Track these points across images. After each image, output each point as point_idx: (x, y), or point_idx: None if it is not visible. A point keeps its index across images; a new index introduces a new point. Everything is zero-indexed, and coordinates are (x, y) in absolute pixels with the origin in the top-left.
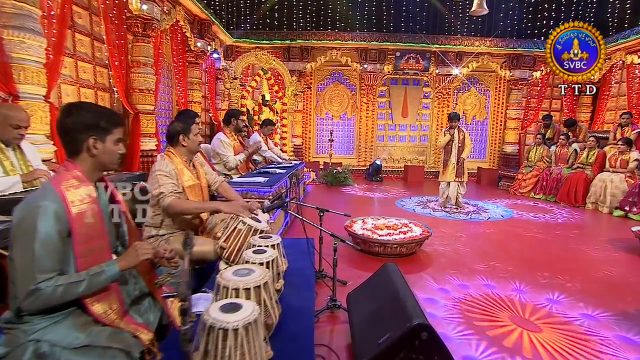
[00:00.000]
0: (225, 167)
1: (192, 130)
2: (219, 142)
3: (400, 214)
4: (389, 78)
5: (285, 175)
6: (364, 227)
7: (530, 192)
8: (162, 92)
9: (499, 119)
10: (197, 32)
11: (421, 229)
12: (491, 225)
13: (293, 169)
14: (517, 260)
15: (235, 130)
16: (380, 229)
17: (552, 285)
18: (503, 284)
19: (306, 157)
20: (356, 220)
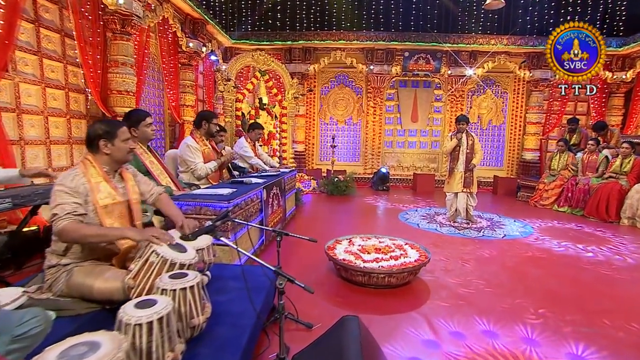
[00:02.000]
0: (193, 175)
1: (120, 135)
2: (186, 147)
3: (401, 229)
4: (397, 80)
5: (258, 186)
6: (348, 249)
7: (553, 204)
8: (151, 94)
9: (517, 123)
10: (189, 31)
11: (418, 252)
12: (506, 246)
13: (275, 178)
14: (537, 296)
15: (206, 134)
16: (367, 251)
17: (578, 335)
18: (514, 330)
19: (309, 164)
20: (341, 240)
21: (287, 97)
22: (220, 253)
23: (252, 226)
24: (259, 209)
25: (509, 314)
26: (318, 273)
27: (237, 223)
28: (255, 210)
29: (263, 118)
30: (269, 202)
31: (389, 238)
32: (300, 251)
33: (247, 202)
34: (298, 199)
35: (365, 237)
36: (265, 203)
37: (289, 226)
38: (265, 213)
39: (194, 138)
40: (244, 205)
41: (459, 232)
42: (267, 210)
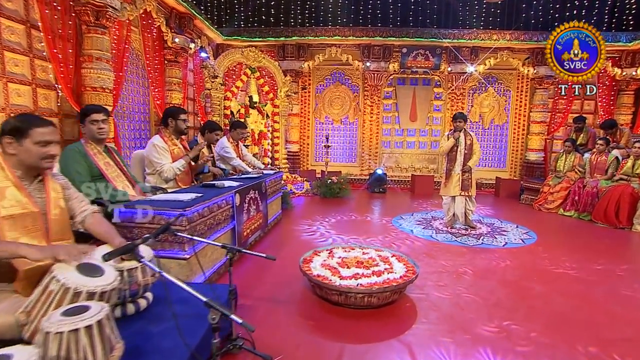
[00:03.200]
0: (160, 178)
1: (33, 135)
2: (152, 147)
3: (393, 236)
4: (395, 77)
5: (229, 191)
6: (326, 262)
7: (559, 207)
8: (135, 92)
9: (521, 122)
10: (175, 26)
11: (405, 266)
12: (508, 255)
13: (253, 181)
14: (542, 319)
15: (175, 132)
16: (347, 265)
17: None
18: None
19: (303, 164)
20: (321, 251)
21: (280, 95)
22: (177, 268)
23: (196, 240)
24: (229, 216)
25: (510, 342)
26: (292, 289)
27: (181, 237)
28: (225, 217)
29: (253, 117)
30: (244, 208)
31: (375, 249)
32: (276, 263)
33: (212, 209)
34: (287, 202)
35: (348, 247)
36: (238, 209)
37: (271, 233)
38: (238, 220)
39: (162, 137)
40: (207, 213)
41: (456, 239)
42: (240, 217)
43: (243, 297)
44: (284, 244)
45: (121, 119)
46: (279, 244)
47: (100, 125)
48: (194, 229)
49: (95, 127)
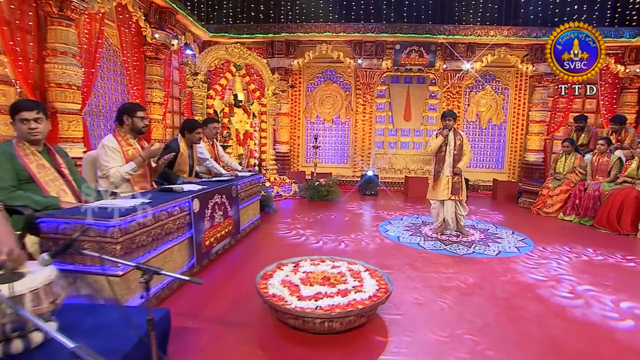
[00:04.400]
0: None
1: None
2: (101, 148)
3: (377, 244)
4: (389, 75)
5: (184, 196)
6: (287, 278)
7: (558, 212)
8: (113, 90)
9: (519, 122)
10: (154, 21)
11: (377, 283)
12: (500, 266)
13: (219, 185)
14: (535, 349)
15: (131, 131)
16: (310, 282)
17: None
18: None
19: (293, 166)
20: (286, 264)
21: (267, 93)
22: (109, 286)
23: (106, 259)
24: (186, 224)
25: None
26: (250, 309)
27: (85, 255)
28: (180, 225)
29: (238, 116)
30: (206, 215)
31: (348, 261)
32: (240, 276)
33: (158, 218)
34: (269, 206)
35: (318, 259)
36: (197, 216)
37: (244, 240)
38: (197, 228)
39: (115, 137)
40: (151, 222)
41: (445, 247)
42: (201, 225)
43: (191, 318)
44: (257, 253)
45: (96, 117)
46: (251, 253)
47: (32, 125)
48: (131, 241)
49: (26, 127)
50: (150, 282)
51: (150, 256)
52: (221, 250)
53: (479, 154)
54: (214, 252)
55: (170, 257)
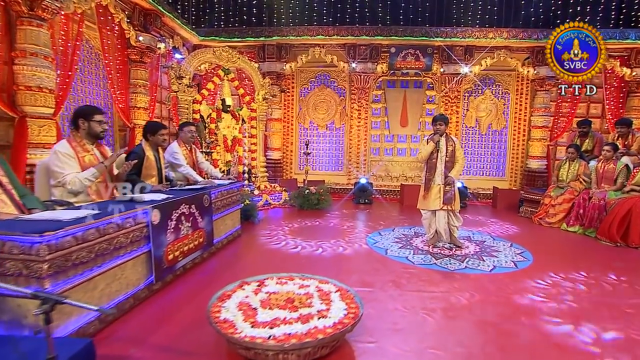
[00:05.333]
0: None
1: None
2: (53, 155)
3: (362, 258)
4: (385, 79)
5: (140, 206)
6: (246, 300)
7: (562, 222)
8: (95, 94)
9: (521, 127)
10: (139, 24)
11: (346, 306)
12: (493, 285)
13: (185, 194)
14: None
15: (88, 135)
16: (270, 305)
17: None
18: None
19: (286, 173)
20: (249, 282)
21: (257, 98)
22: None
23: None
24: (143, 237)
25: None
26: (206, 335)
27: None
28: (134, 239)
29: (226, 122)
30: (169, 226)
31: (319, 280)
32: (204, 294)
33: (104, 231)
34: (253, 216)
35: (287, 277)
36: (157, 228)
37: (219, 253)
38: (157, 241)
39: (70, 142)
40: (94, 236)
41: (435, 261)
42: (162, 237)
43: (135, 345)
44: (230, 268)
45: None
46: (224, 267)
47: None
48: (65, 259)
49: None
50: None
51: (93, 274)
52: (190, 265)
53: (478, 161)
54: (179, 267)
55: (121, 274)
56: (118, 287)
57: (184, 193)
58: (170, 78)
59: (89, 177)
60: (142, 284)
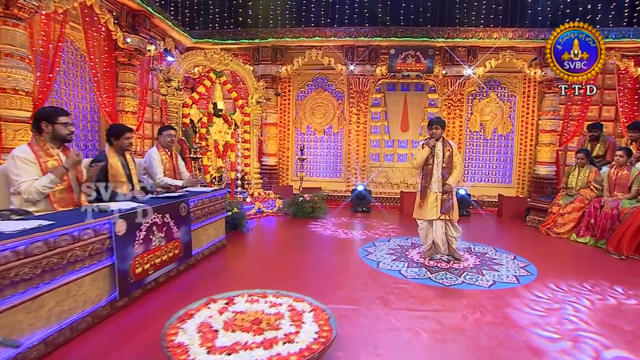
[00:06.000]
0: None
1: None
2: (10, 160)
3: (350, 272)
4: (385, 82)
5: (103, 216)
6: (209, 320)
7: (571, 232)
8: (81, 98)
9: (528, 131)
10: (126, 25)
11: (318, 329)
12: (492, 302)
13: (158, 203)
14: None
15: (52, 139)
16: (232, 327)
17: None
18: None
19: (282, 179)
20: (216, 299)
21: (251, 102)
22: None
23: None
24: (105, 249)
25: None
26: None
27: None
28: (95, 251)
29: (218, 126)
30: (137, 237)
31: (294, 298)
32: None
33: (54, 244)
34: (242, 225)
35: (260, 294)
36: (123, 239)
37: (199, 265)
38: (122, 253)
39: (32, 147)
40: (41, 250)
41: (430, 276)
42: (128, 249)
43: None
44: (208, 281)
45: None
46: (202, 280)
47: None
48: (2, 276)
49: None
50: None
51: (40, 292)
52: (164, 278)
53: (483, 167)
54: (150, 281)
55: (77, 290)
56: (72, 305)
57: (157, 201)
58: (159, 81)
59: (46, 184)
60: (103, 300)
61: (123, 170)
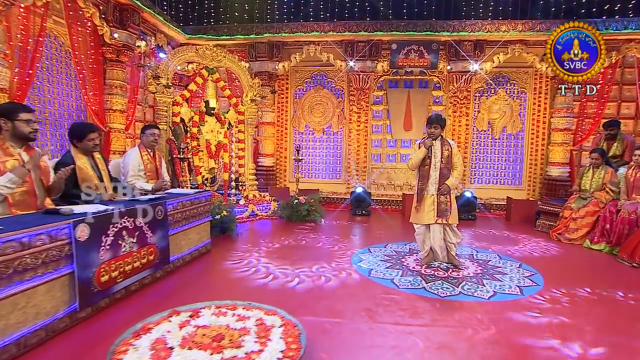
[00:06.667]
0: None
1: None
2: None
3: (339, 279)
4: (387, 79)
5: (62, 220)
6: (166, 335)
7: (584, 238)
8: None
9: (540, 130)
10: (113, 19)
11: (284, 347)
12: (489, 316)
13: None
14: None
15: (12, 137)
16: (195, 341)
17: None
18: None
19: (280, 181)
20: (179, 312)
21: (245, 100)
22: None
23: None
24: (63, 256)
25: None
26: None
27: None
28: (50, 258)
29: (210, 125)
30: (103, 243)
31: (265, 311)
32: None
33: (1, 251)
34: (230, 229)
35: (231, 306)
36: (85, 245)
37: (178, 272)
38: (83, 261)
39: None
40: None
41: (424, 285)
42: (92, 256)
43: None
44: (186, 290)
45: (42, 125)
46: (178, 289)
47: None
48: None
49: None
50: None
51: None
52: (136, 286)
53: (491, 168)
54: (120, 289)
55: (26, 302)
56: (20, 319)
57: (128, 204)
58: (147, 78)
59: (4, 183)
60: (60, 312)
61: (93, 172)
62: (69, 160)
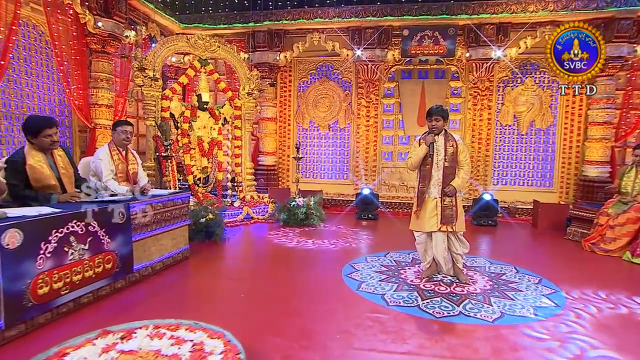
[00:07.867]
0: None
1: None
2: None
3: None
4: (399, 69)
5: None
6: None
7: (624, 250)
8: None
9: (575, 124)
10: (97, 7)
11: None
12: (489, 345)
13: (77, 209)
14: None
15: None
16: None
17: None
18: None
19: (282, 181)
20: (111, 332)
21: (242, 93)
22: None
23: None
24: None
25: None
26: None
27: None
28: None
29: (202, 121)
30: (43, 250)
31: (210, 333)
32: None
33: None
34: (217, 234)
35: (172, 326)
36: (17, 253)
37: (145, 282)
38: (14, 271)
39: None
40: None
41: (419, 302)
42: (28, 266)
43: None
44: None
45: (18, 121)
46: (139, 302)
47: None
48: None
49: None
50: None
51: None
52: (89, 298)
53: (517, 168)
54: (66, 302)
55: None
56: None
57: (76, 207)
58: (133, 70)
59: None
60: None
61: (50, 172)
62: (19, 157)
